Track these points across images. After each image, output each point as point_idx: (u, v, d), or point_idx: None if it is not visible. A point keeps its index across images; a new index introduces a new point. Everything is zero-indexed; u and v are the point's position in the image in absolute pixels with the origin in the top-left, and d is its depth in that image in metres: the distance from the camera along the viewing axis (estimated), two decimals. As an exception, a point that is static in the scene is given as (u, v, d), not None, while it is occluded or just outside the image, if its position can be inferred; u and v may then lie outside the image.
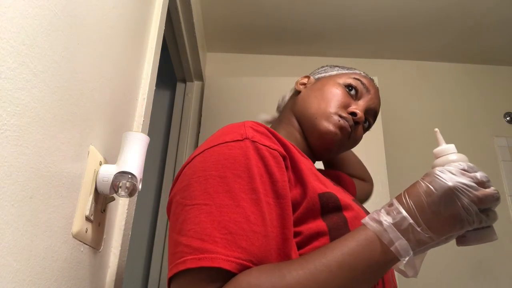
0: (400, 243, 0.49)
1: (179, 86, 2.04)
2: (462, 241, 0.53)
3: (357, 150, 1.23)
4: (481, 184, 0.50)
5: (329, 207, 0.61)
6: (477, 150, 2.01)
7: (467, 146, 1.89)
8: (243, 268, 0.49)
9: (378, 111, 0.86)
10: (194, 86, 2.03)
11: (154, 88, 0.97)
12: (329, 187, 0.65)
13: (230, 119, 1.85)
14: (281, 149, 0.61)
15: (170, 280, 0.52)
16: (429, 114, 2.10)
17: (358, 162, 1.07)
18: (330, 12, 1.87)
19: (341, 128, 0.77)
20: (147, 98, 0.91)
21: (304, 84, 0.88)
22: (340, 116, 0.77)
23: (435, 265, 1.76)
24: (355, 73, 0.86)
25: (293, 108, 0.85)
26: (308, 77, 0.90)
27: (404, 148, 2.00)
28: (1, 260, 0.39)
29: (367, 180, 1.07)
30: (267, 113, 0.98)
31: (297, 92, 0.88)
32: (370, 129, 0.87)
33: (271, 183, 0.56)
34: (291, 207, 0.57)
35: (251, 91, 1.93)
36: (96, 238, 0.64)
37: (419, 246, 0.49)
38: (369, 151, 1.81)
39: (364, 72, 0.89)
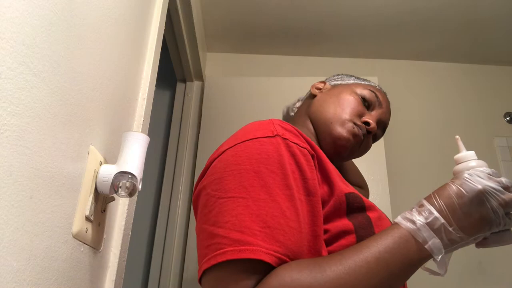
0: (433, 241, 0.51)
1: (179, 86, 2.04)
2: (482, 243, 0.56)
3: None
4: (507, 188, 0.54)
5: (354, 207, 0.63)
6: (477, 150, 1.98)
7: (467, 146, 1.88)
8: (282, 262, 0.50)
9: (387, 125, 0.89)
10: (194, 86, 2.03)
11: (154, 88, 0.97)
12: (352, 188, 0.67)
13: (230, 119, 1.86)
14: (310, 148, 0.63)
15: (204, 272, 0.52)
16: (429, 114, 2.10)
17: (357, 170, 1.09)
18: (330, 12, 1.87)
19: (354, 135, 0.79)
20: (147, 98, 0.91)
21: (320, 89, 0.91)
22: (355, 124, 0.80)
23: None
24: (371, 86, 0.88)
25: (308, 111, 0.87)
26: (324, 82, 0.92)
27: (404, 148, 2.00)
28: (1, 260, 0.39)
29: (364, 187, 1.09)
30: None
31: (312, 96, 0.90)
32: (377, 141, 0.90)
33: (303, 180, 0.57)
34: (321, 205, 0.59)
35: (251, 91, 1.93)
36: (96, 238, 0.64)
37: (451, 245, 0.53)
38: (369, 151, 1.81)
39: (378, 86, 0.92)
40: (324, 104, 0.84)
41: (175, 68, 1.93)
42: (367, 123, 0.81)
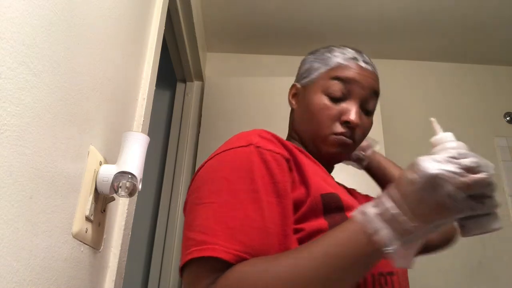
0: (383, 232, 0.49)
1: (179, 86, 2.04)
2: (462, 231, 0.52)
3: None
4: (470, 170, 0.49)
5: (331, 207, 0.63)
6: (477, 150, 1.96)
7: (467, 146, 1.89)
8: (241, 259, 0.54)
9: (377, 90, 0.80)
10: (194, 86, 2.03)
11: (154, 88, 0.97)
12: (336, 189, 0.67)
13: (230, 119, 1.86)
14: (285, 153, 0.65)
15: (183, 271, 0.58)
16: (429, 114, 2.09)
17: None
18: (330, 12, 1.87)
19: (340, 144, 0.75)
20: (147, 98, 0.91)
21: (295, 95, 0.86)
22: (336, 134, 0.75)
23: (435, 264, 1.76)
24: (333, 69, 0.79)
25: (293, 128, 0.84)
26: (295, 86, 0.86)
27: (404, 148, 2.00)
28: (1, 260, 0.39)
29: None
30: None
31: (292, 109, 0.86)
32: (374, 112, 0.82)
33: (273, 184, 0.61)
34: (291, 206, 0.61)
35: (251, 91, 1.93)
36: (96, 238, 0.64)
37: (406, 235, 0.49)
38: (369, 151, 1.81)
39: (347, 52, 0.81)
40: (302, 123, 0.81)
41: (175, 68, 1.93)
42: (347, 123, 0.75)
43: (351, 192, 0.87)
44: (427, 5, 1.80)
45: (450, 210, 0.48)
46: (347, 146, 0.76)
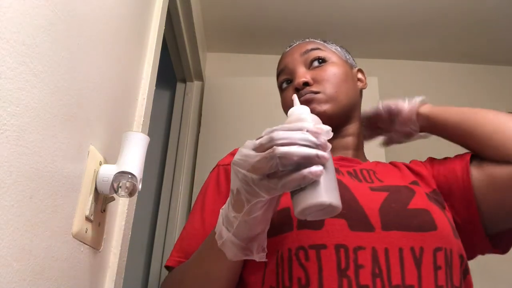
0: (217, 229, 0.54)
1: (179, 86, 2.04)
2: (295, 212, 0.46)
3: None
4: (260, 148, 0.45)
5: (274, 224, 0.62)
6: None
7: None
8: (180, 263, 0.68)
9: (309, 47, 0.85)
10: (194, 86, 2.03)
11: (154, 88, 0.97)
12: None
13: (230, 119, 1.86)
14: None
15: None
16: (429, 114, 2.10)
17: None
18: (330, 12, 1.87)
19: (306, 101, 0.75)
20: (147, 98, 0.91)
21: None
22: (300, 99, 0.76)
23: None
24: (277, 68, 0.89)
25: None
26: None
27: (404, 148, 2.00)
28: (1, 260, 0.39)
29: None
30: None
31: None
32: (327, 59, 0.83)
33: (217, 193, 0.73)
34: None
35: (251, 91, 1.93)
36: (96, 238, 0.64)
37: (232, 226, 0.50)
38: (369, 151, 1.81)
39: (284, 52, 0.92)
40: None
41: (175, 68, 1.93)
42: (297, 89, 0.78)
43: (380, 168, 0.78)
44: (427, 5, 1.80)
45: (246, 195, 0.46)
46: (314, 100, 0.75)
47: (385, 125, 0.89)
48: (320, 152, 0.43)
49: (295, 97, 0.55)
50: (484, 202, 0.69)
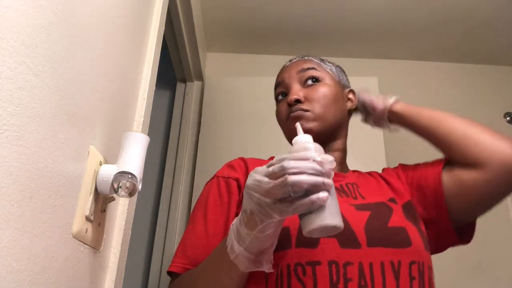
0: (229, 244, 0.59)
1: (179, 86, 2.04)
2: (304, 232, 0.53)
3: (357, 150, 1.23)
4: (272, 175, 0.51)
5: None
6: None
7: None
8: (186, 270, 0.73)
9: (305, 66, 0.91)
10: (194, 86, 2.03)
11: (154, 88, 0.97)
12: None
13: (230, 119, 1.86)
14: (236, 175, 0.80)
15: None
16: (429, 114, 2.10)
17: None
18: (330, 12, 1.87)
19: (295, 118, 0.83)
20: (147, 98, 0.91)
21: None
22: (290, 115, 0.85)
23: (435, 264, 1.75)
24: (275, 82, 0.95)
25: None
26: None
27: (404, 148, 2.00)
28: (1, 260, 0.39)
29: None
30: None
31: None
32: (319, 79, 0.90)
33: (220, 204, 0.77)
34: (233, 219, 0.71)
35: (251, 91, 1.93)
36: (96, 238, 0.64)
37: (244, 242, 0.57)
38: (368, 151, 1.81)
39: (284, 66, 0.98)
40: None
41: (175, 68, 1.93)
42: (289, 105, 0.86)
43: (364, 178, 0.88)
44: (427, 5, 1.80)
45: (259, 216, 0.54)
46: (303, 117, 0.84)
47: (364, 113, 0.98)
48: (326, 180, 0.50)
49: (298, 125, 0.60)
50: (453, 203, 0.78)
